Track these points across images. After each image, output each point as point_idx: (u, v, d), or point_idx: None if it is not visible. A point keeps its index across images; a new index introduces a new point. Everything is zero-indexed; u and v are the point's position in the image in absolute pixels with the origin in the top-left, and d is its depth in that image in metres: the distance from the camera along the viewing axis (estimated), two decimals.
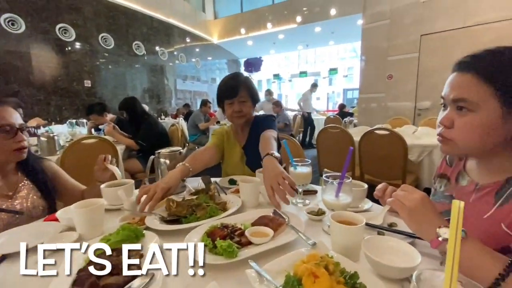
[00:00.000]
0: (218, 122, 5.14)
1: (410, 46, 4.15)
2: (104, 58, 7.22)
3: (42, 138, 2.30)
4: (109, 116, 3.28)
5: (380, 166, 2.44)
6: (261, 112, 5.13)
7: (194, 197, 0.99)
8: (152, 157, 1.21)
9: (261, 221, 0.79)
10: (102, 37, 7.04)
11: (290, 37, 10.79)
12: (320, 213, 0.89)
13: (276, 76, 16.03)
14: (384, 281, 0.55)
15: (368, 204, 0.97)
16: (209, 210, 0.88)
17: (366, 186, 0.96)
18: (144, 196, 0.92)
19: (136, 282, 0.53)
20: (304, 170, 1.00)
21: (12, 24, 5.30)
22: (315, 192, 1.13)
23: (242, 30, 10.57)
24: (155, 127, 2.90)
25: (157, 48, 8.88)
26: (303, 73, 14.80)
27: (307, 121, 6.69)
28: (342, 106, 7.21)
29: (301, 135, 7.98)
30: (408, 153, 2.23)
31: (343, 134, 2.63)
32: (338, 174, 0.83)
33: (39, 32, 5.83)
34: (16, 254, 0.70)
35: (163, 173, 1.18)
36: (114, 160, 1.14)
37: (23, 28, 5.45)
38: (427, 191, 0.77)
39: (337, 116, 6.09)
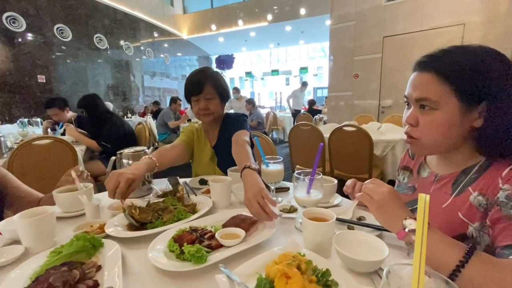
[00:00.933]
0: (189, 120, 4.99)
1: (373, 47, 4.38)
2: (61, 51, 6.62)
3: None
4: (70, 113, 3.00)
5: (348, 161, 2.54)
6: (231, 111, 5.06)
7: (161, 199, 0.93)
8: (113, 158, 1.12)
9: (232, 222, 0.76)
10: (58, 28, 6.44)
11: (261, 35, 10.83)
12: (292, 210, 0.88)
13: (249, 74, 16.03)
14: (355, 275, 0.56)
15: (338, 199, 0.99)
16: (176, 213, 0.83)
17: (336, 181, 0.98)
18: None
19: None
20: (276, 167, 0.99)
21: None
22: (287, 189, 1.13)
23: (213, 26, 10.36)
24: (119, 126, 2.71)
25: (121, 42, 8.36)
26: (275, 71, 14.97)
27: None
28: (311, 103, 7.36)
29: (273, 133, 8.09)
30: (373, 148, 2.35)
31: (314, 131, 2.69)
32: (310, 170, 0.83)
33: None
34: None
35: None
36: (86, 175, 1.02)
37: None
38: (392, 183, 0.80)
39: (308, 113, 6.23)
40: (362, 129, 2.38)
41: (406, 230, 0.57)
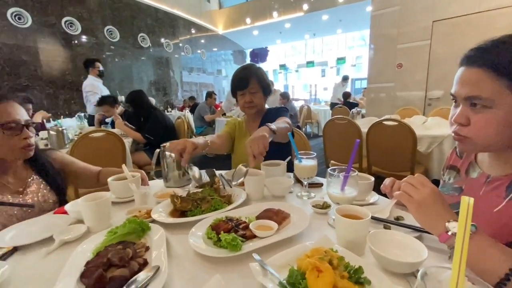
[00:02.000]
0: (224, 114, 5.14)
1: (421, 33, 4.00)
2: (110, 51, 7.23)
3: (52, 132, 2.34)
4: (119, 109, 3.30)
5: (388, 157, 2.40)
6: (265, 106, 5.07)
7: (199, 190, 1.00)
8: (157, 150, 1.22)
9: (265, 215, 0.79)
10: (107, 29, 7.04)
11: (296, 26, 10.56)
12: (325, 206, 0.88)
13: (283, 66, 15.78)
14: (390, 275, 0.55)
15: (374, 197, 0.95)
16: (213, 203, 0.88)
17: (372, 179, 0.94)
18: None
19: (141, 275, 0.54)
20: (309, 163, 0.99)
21: (19, 19, 5.34)
22: (320, 185, 1.12)
23: (248, 20, 10.38)
24: (161, 120, 2.91)
25: (162, 40, 8.83)
26: (310, 63, 14.53)
27: None
28: (346, 95, 6.91)
29: (307, 126, 7.93)
30: (417, 144, 2.19)
31: (350, 125, 2.59)
32: (344, 166, 0.82)
33: (45, 26, 5.85)
34: (27, 246, 0.72)
35: (169, 166, 1.18)
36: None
37: (30, 22, 5.48)
38: (436, 182, 0.75)
39: (345, 106, 5.96)
40: (404, 124, 2.22)
41: (449, 233, 0.54)
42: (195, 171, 1.06)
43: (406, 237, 0.61)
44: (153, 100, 3.60)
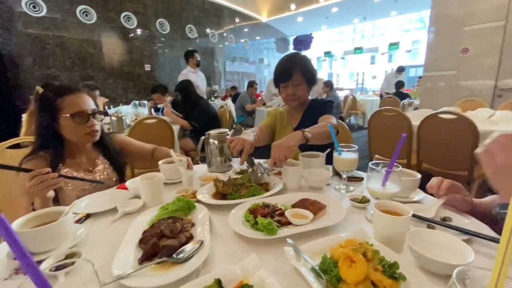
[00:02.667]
0: (264, 104, 5.17)
1: (494, 13, 3.43)
2: (161, 42, 7.73)
3: (113, 118, 2.65)
4: (168, 98, 3.59)
5: (442, 154, 2.18)
6: None
7: (239, 176, 1.06)
8: (202, 137, 1.31)
9: (301, 204, 0.81)
10: (159, 22, 7.51)
11: (345, 10, 9.89)
12: (364, 200, 0.86)
13: (327, 53, 15.03)
14: (429, 275, 0.53)
15: (420, 195, 0.90)
16: (252, 189, 0.93)
17: (419, 176, 0.89)
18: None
19: (188, 246, 0.62)
20: (349, 156, 0.97)
21: (86, 15, 6.01)
22: (361, 179, 1.09)
23: (292, 6, 10.05)
24: (206, 109, 3.08)
25: (208, 30, 9.11)
26: (358, 50, 13.57)
27: None
28: (399, 85, 6.21)
29: (351, 118, 7.53)
30: (479, 141, 1.94)
31: (400, 117, 2.40)
32: (388, 161, 0.79)
33: (107, 21, 6.50)
34: (97, 214, 0.86)
35: (212, 152, 1.27)
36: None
37: (95, 18, 6.13)
38: None
39: (395, 97, 5.48)
40: (464, 117, 1.98)
41: None
42: (255, 168, 1.09)
43: (452, 239, 0.58)
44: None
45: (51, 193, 0.90)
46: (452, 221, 0.72)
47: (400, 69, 6.93)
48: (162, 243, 0.63)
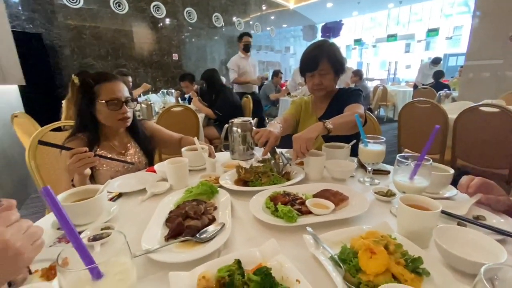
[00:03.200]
0: (288, 94, 5.09)
1: None
2: (188, 32, 7.84)
3: (143, 105, 2.78)
4: (195, 87, 3.69)
5: (480, 151, 2.02)
6: None
7: (261, 164, 1.07)
8: (226, 126, 1.33)
9: (323, 194, 0.81)
10: (186, 11, 7.60)
11: None
12: (390, 194, 0.83)
13: (358, 41, 14.25)
14: (455, 274, 0.51)
15: (451, 191, 0.85)
16: (273, 178, 0.94)
17: (452, 171, 0.83)
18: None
19: (211, 228, 0.65)
20: (375, 148, 0.93)
21: (119, 6, 6.25)
22: (387, 172, 1.05)
23: None
24: (230, 98, 3.10)
25: (234, 19, 9.05)
26: (391, 37, 12.68)
27: None
28: (438, 75, 5.65)
29: (381, 109, 7.18)
30: None
31: (434, 109, 2.25)
32: (418, 155, 0.75)
33: (138, 11, 6.70)
34: (128, 193, 0.93)
35: (235, 141, 1.29)
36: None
37: (127, 8, 6.35)
38: None
39: (430, 87, 5.09)
40: (509, 111, 1.81)
41: None
42: (277, 157, 1.10)
43: (484, 238, 0.55)
44: (223, 79, 3.84)
45: (87, 171, 0.98)
46: (486, 220, 0.68)
47: (436, 61, 6.32)
48: (187, 223, 0.66)
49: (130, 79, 3.24)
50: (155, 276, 0.54)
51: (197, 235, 0.62)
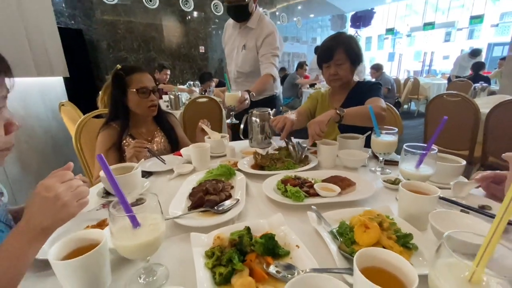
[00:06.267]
0: (313, 85, 5.05)
1: None
2: (215, 24, 7.97)
3: (171, 96, 2.96)
4: (214, 80, 3.90)
5: None
6: None
7: (277, 152, 1.14)
8: (246, 115, 1.42)
9: (332, 180, 0.86)
10: (213, 4, 7.72)
11: None
12: (397, 182, 0.87)
13: (390, 30, 13.46)
14: None
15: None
16: (287, 164, 1.01)
17: (463, 162, 0.85)
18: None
19: (227, 202, 0.74)
20: (387, 138, 0.96)
21: (150, 0, 6.53)
22: (398, 163, 1.07)
23: None
24: None
25: (260, 9, 9.02)
26: (428, 25, 11.78)
27: None
28: (477, 67, 5.15)
29: (411, 103, 6.82)
30: None
31: (464, 103, 2.14)
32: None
33: (168, 5, 6.94)
34: (158, 172, 1.06)
35: (254, 130, 1.37)
36: (208, 123, 1.39)
37: (157, 3, 6.62)
38: None
39: (468, 81, 4.73)
40: None
41: None
42: (294, 146, 1.15)
43: (480, 223, 0.58)
44: None
45: (142, 155, 1.10)
46: (492, 210, 0.70)
47: (475, 53, 5.77)
48: (207, 198, 0.76)
49: (168, 72, 3.52)
50: (179, 237, 0.65)
51: (215, 208, 0.72)
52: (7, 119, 0.54)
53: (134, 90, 1.25)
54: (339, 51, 1.28)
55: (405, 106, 7.06)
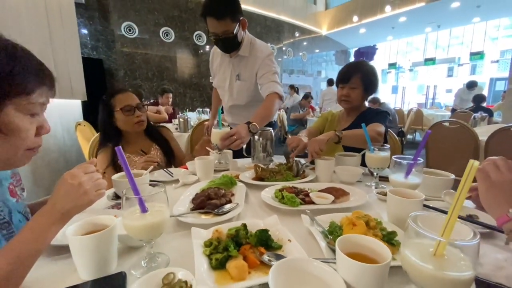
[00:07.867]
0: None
1: None
2: None
3: (181, 120, 3.12)
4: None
5: None
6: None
7: (276, 167, 1.20)
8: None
9: (327, 190, 0.91)
10: None
11: (414, 19, 9.24)
12: None
13: (393, 65, 14.02)
14: None
15: (451, 196, 0.90)
16: (286, 176, 1.07)
17: (452, 176, 0.89)
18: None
19: (227, 205, 0.80)
20: (380, 154, 1.02)
21: (167, 35, 7.10)
22: None
23: (355, 18, 9.88)
24: None
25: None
26: (429, 61, 12.29)
27: None
28: (478, 99, 5.27)
29: (416, 134, 6.89)
30: None
31: (463, 131, 2.20)
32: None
33: (183, 39, 7.53)
34: (165, 181, 1.12)
35: (256, 148, 1.44)
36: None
37: (173, 37, 7.19)
38: None
39: (470, 111, 4.82)
40: None
41: (509, 215, 0.53)
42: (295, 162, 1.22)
43: (459, 226, 0.61)
44: None
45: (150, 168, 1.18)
46: (478, 219, 0.73)
47: (471, 85, 6.10)
48: (209, 202, 0.82)
49: (170, 95, 3.68)
50: (181, 233, 0.70)
51: (216, 210, 0.78)
52: (41, 122, 0.62)
53: (119, 109, 1.33)
54: (356, 77, 1.38)
55: (410, 136, 7.12)
